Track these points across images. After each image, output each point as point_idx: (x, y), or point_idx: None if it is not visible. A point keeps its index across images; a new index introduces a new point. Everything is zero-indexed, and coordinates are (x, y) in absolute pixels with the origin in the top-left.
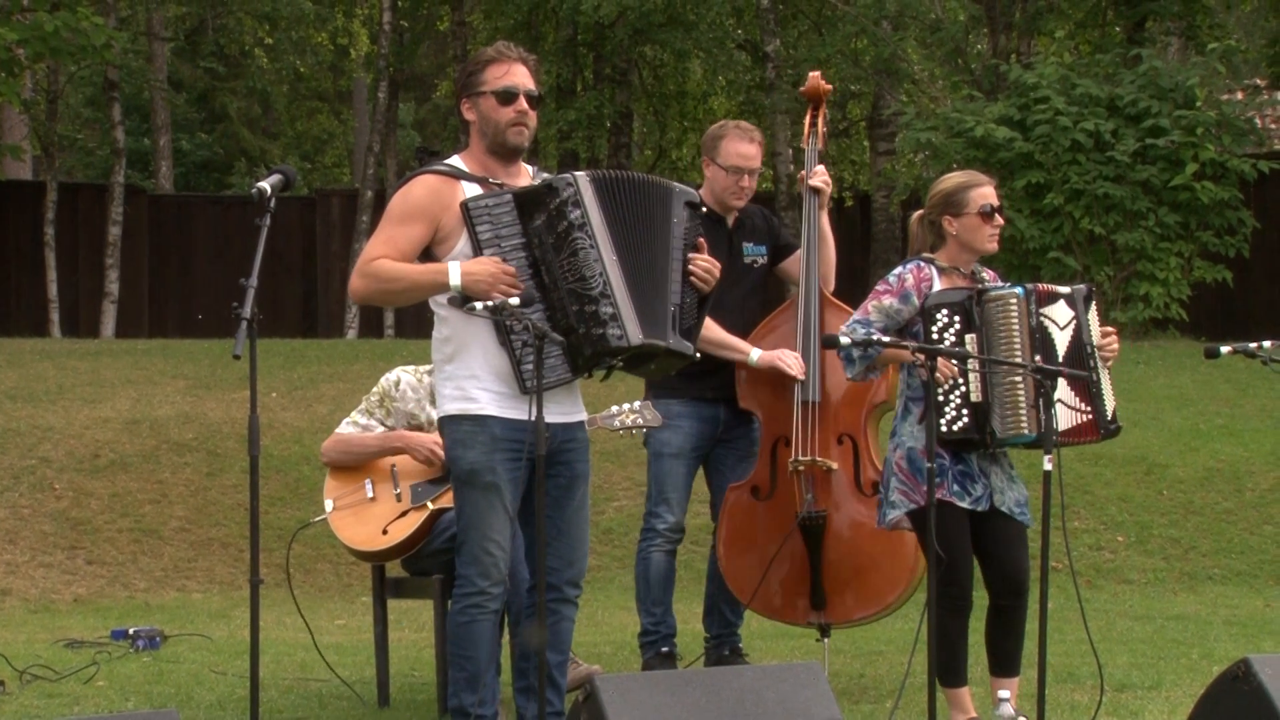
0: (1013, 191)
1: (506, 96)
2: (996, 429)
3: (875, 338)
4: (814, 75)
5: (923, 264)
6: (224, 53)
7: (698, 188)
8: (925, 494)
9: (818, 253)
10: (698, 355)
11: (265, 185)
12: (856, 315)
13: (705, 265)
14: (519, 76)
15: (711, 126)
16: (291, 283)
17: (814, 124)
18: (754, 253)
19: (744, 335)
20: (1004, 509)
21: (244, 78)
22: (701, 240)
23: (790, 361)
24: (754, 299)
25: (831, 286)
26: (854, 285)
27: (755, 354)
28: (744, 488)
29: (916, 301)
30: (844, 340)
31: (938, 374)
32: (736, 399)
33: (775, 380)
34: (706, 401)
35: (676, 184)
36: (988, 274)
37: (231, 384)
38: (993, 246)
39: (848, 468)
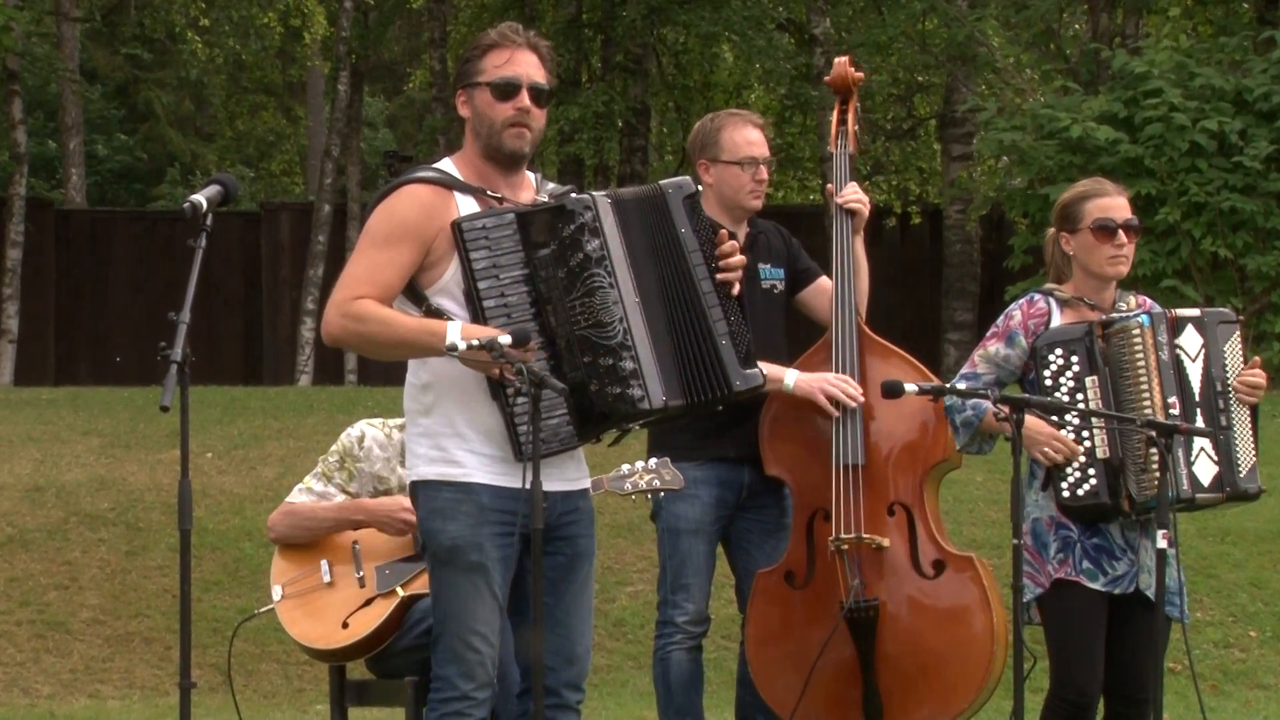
0: None
1: (505, 90)
2: (1133, 491)
3: (934, 384)
4: (840, 61)
5: (1038, 297)
6: (149, 36)
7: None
8: (1051, 574)
9: (853, 281)
10: (764, 378)
11: (200, 198)
12: (964, 369)
13: (734, 260)
14: (523, 66)
15: (696, 126)
16: (231, 317)
17: (843, 122)
18: (772, 276)
19: None
20: (1150, 594)
21: (173, 67)
22: (724, 233)
23: (832, 392)
24: (778, 332)
25: (864, 315)
26: (921, 323)
27: (792, 377)
28: (776, 574)
29: (1025, 343)
30: (909, 388)
31: (1051, 448)
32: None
33: (808, 439)
34: (728, 463)
35: (662, 182)
36: (1135, 300)
37: (157, 442)
38: (1114, 271)
39: (903, 544)
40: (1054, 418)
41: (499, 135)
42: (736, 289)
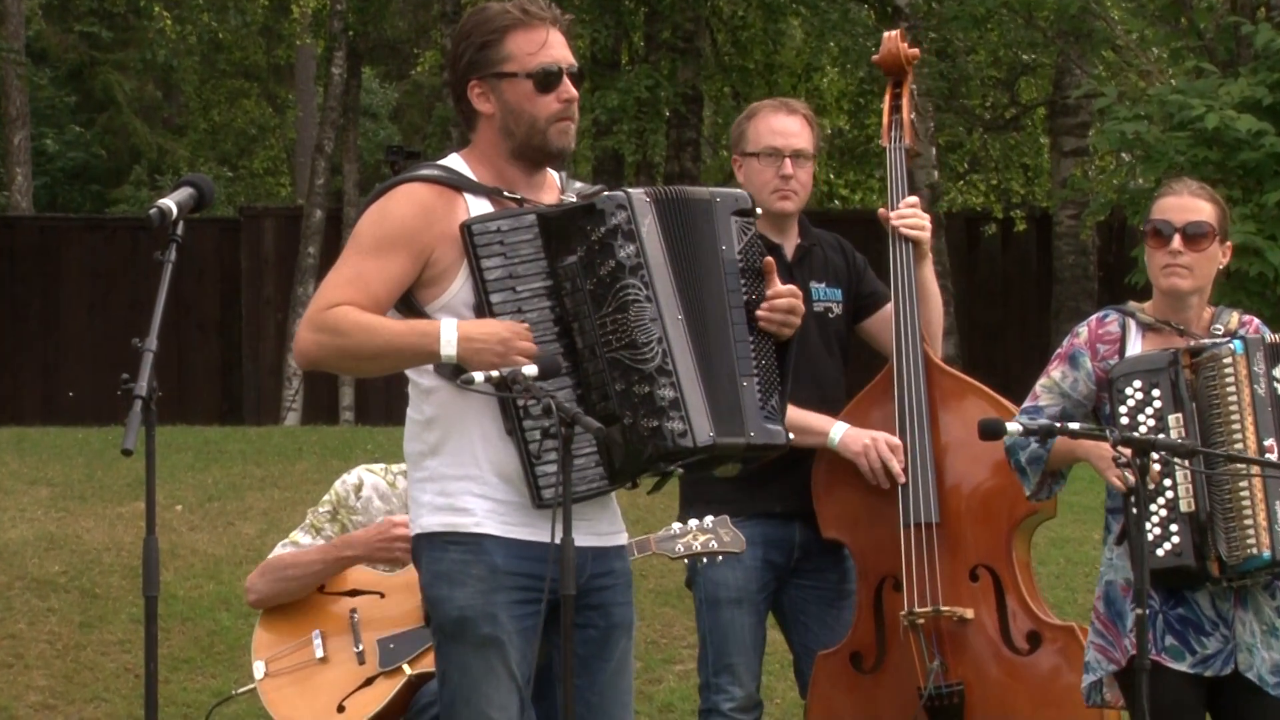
0: (1262, 209)
1: (548, 80)
2: (1223, 552)
3: (1042, 422)
4: (890, 36)
5: (1113, 315)
6: (108, 11)
7: None
8: (1129, 649)
9: (917, 313)
10: (791, 439)
11: (168, 203)
12: (1026, 403)
13: (785, 301)
14: (558, 48)
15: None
16: (206, 344)
17: (896, 110)
18: (827, 297)
19: (823, 408)
20: (1252, 676)
21: (137, 46)
22: (769, 261)
23: (879, 454)
24: (832, 364)
25: (939, 354)
26: (1025, 349)
27: (838, 431)
28: (839, 655)
29: (1090, 366)
30: (1012, 427)
31: (1118, 479)
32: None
33: (870, 493)
34: (775, 519)
35: (715, 189)
36: (1237, 319)
37: (117, 493)
38: (1168, 284)
39: (990, 615)
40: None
41: (543, 134)
42: (787, 332)
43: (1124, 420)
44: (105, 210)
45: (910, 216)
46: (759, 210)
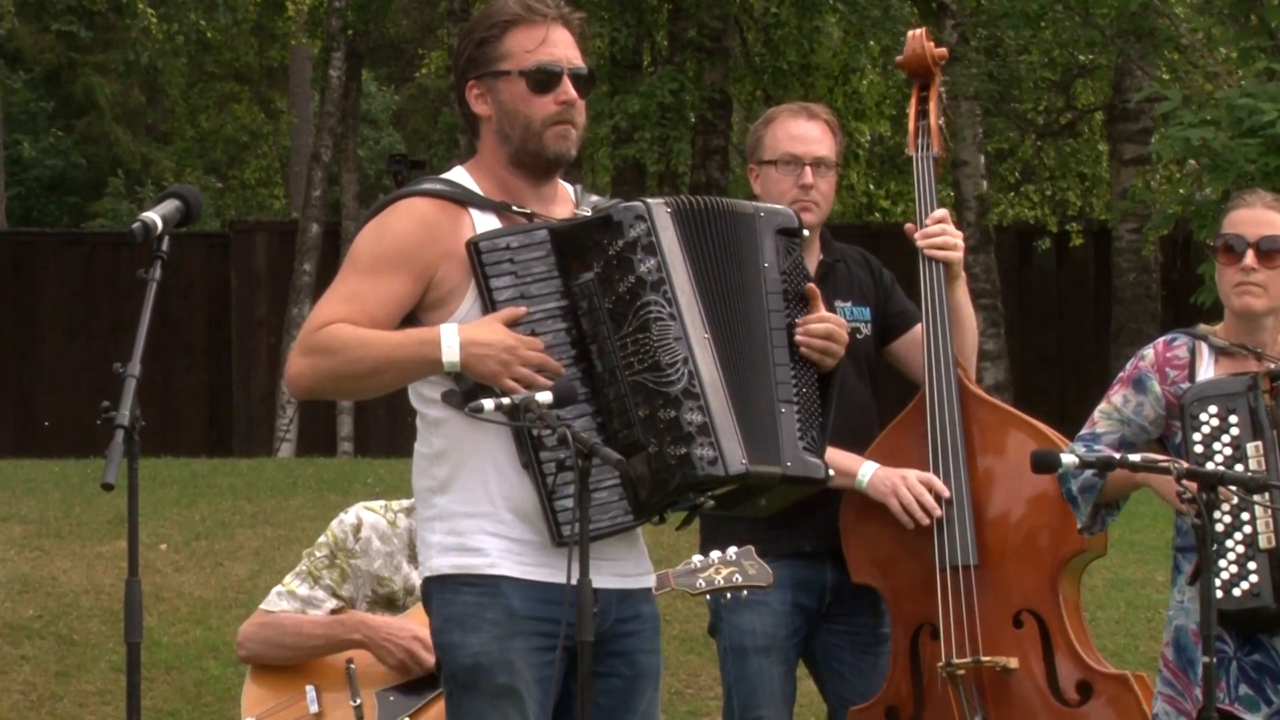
0: None
1: (544, 79)
2: None
3: (1101, 453)
4: (915, 35)
5: (1182, 339)
6: (87, 8)
7: None
8: (1199, 700)
9: (950, 337)
10: (831, 475)
11: (153, 216)
12: (1083, 430)
13: (823, 327)
14: (560, 46)
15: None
16: (193, 369)
17: (923, 115)
18: (855, 317)
19: (852, 438)
20: None
21: (119, 47)
22: (811, 287)
23: (911, 494)
24: (861, 389)
25: (973, 381)
26: (1083, 375)
27: (867, 472)
28: (874, 711)
29: (1159, 389)
30: (1067, 459)
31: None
32: None
33: (902, 533)
34: (804, 559)
35: (758, 203)
36: None
37: (97, 531)
38: (1240, 303)
39: (1036, 663)
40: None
41: (538, 137)
42: (828, 363)
43: (1198, 449)
44: (84, 224)
45: (937, 235)
46: (805, 232)
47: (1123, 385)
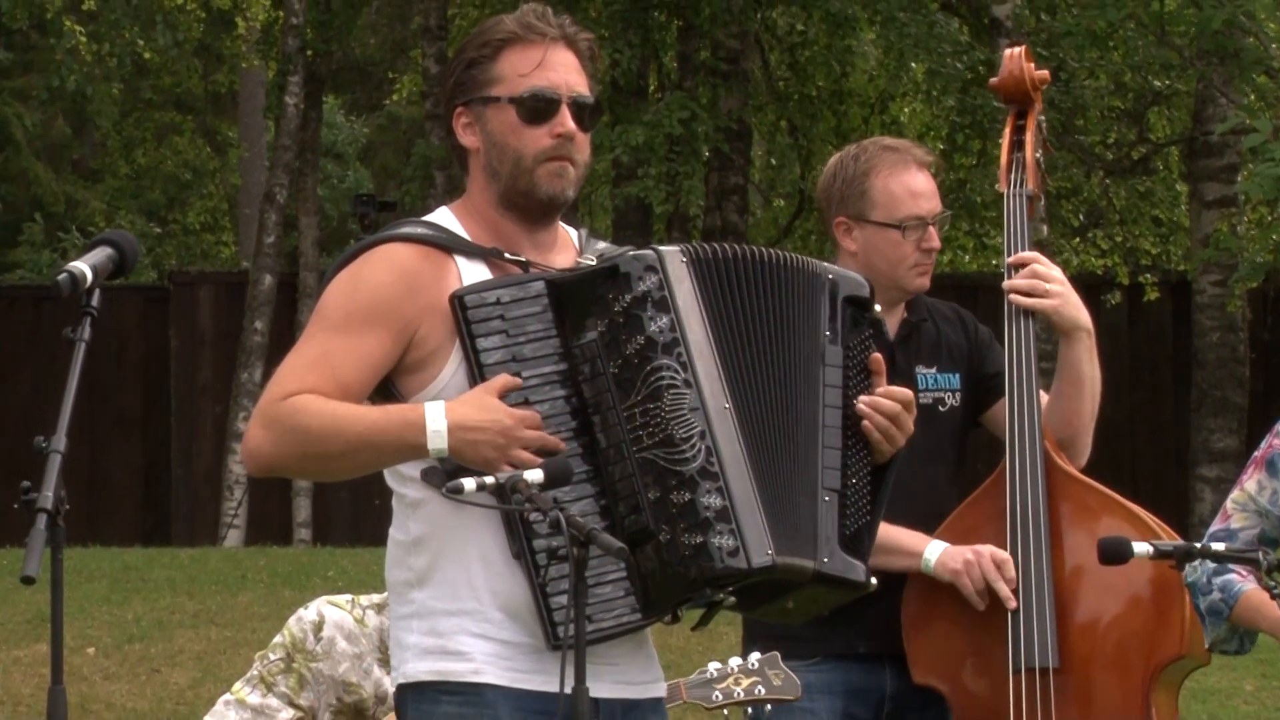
0: None
1: (538, 107)
2: None
3: (1177, 543)
4: (1013, 55)
5: None
6: (5, 28)
7: None
8: None
9: (1037, 404)
10: (874, 584)
11: (82, 266)
12: (1214, 524)
13: (889, 406)
14: (560, 70)
15: (831, 164)
16: (128, 443)
17: (1018, 147)
18: (939, 385)
19: (926, 529)
20: None
21: (42, 71)
22: (877, 357)
23: (983, 571)
24: (939, 472)
25: (1083, 458)
26: (1159, 450)
27: (934, 551)
28: None
29: None
30: (1139, 548)
31: None
32: None
33: (972, 631)
34: (859, 662)
35: (825, 264)
36: None
37: (15, 631)
38: None
39: None
40: None
41: (529, 175)
42: (886, 449)
43: None
44: (1, 275)
45: (1025, 280)
46: (878, 308)
47: (1256, 468)
